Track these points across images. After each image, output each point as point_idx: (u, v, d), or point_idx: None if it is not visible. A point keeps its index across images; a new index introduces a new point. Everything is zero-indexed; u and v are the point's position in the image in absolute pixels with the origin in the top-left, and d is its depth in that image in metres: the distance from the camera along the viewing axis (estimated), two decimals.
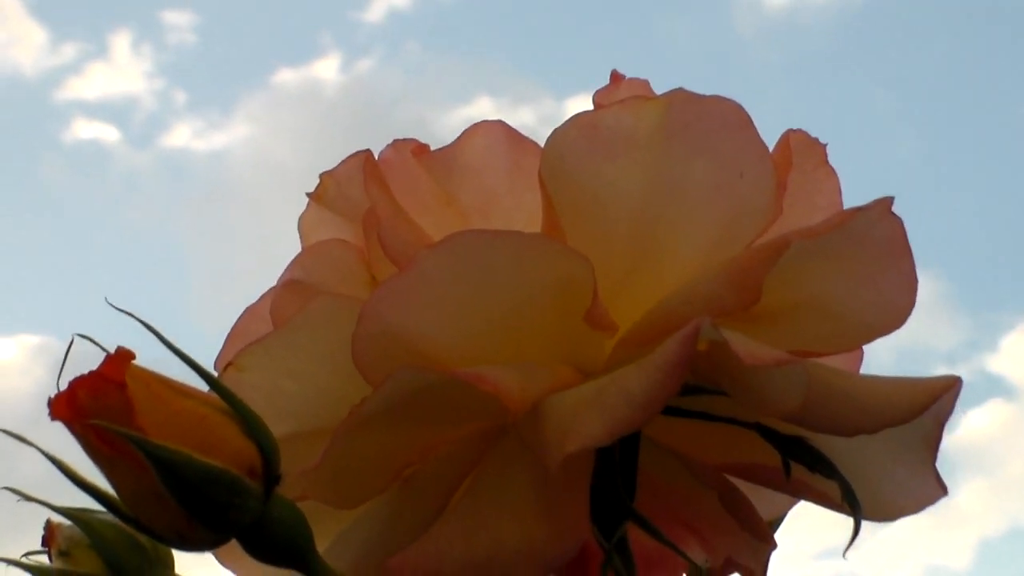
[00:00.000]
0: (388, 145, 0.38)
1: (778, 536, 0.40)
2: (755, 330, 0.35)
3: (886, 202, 0.35)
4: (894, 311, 0.36)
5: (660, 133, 0.34)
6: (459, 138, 0.38)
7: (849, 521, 0.36)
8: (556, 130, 0.35)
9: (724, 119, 0.35)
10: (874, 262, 0.35)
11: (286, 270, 0.38)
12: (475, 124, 0.38)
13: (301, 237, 0.39)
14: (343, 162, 0.38)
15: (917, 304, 0.36)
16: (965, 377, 0.35)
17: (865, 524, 0.36)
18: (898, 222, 0.35)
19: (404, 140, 0.38)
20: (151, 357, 0.34)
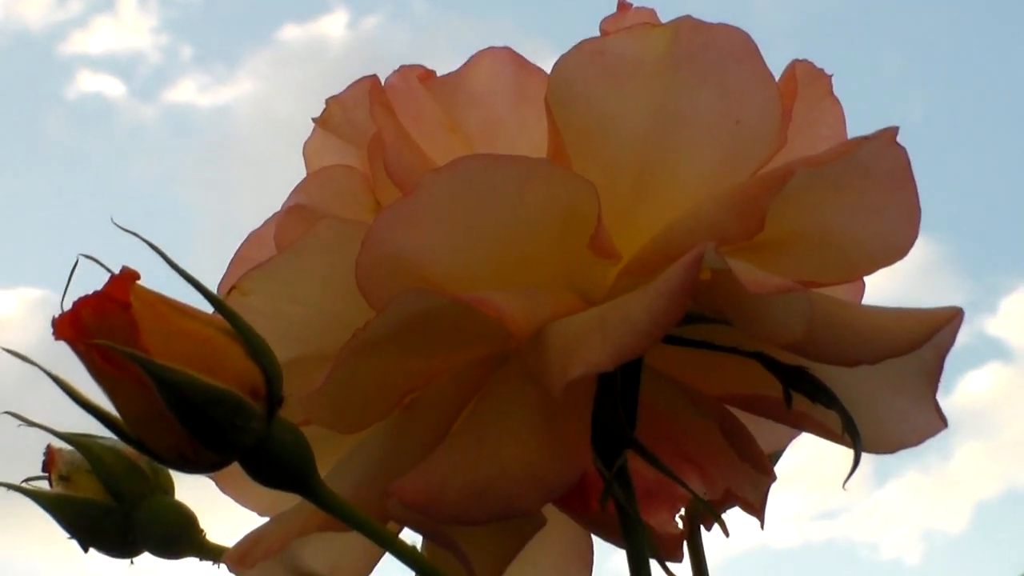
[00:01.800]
0: (394, 71, 0.37)
1: (778, 498, 0.39)
2: (758, 259, 0.34)
3: (891, 132, 0.34)
4: (897, 241, 0.35)
5: (666, 60, 0.34)
6: (465, 64, 0.38)
7: (847, 465, 0.35)
8: (563, 56, 0.34)
9: (731, 47, 0.34)
10: (878, 191, 0.35)
11: (290, 195, 0.38)
12: (482, 50, 0.38)
13: (306, 163, 0.39)
14: (349, 87, 0.37)
15: (918, 265, 0.35)
16: (964, 340, 0.35)
17: (864, 475, 0.35)
18: (902, 152, 0.34)
19: (410, 66, 0.37)
20: (156, 283, 0.33)
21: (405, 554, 0.37)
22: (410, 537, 0.38)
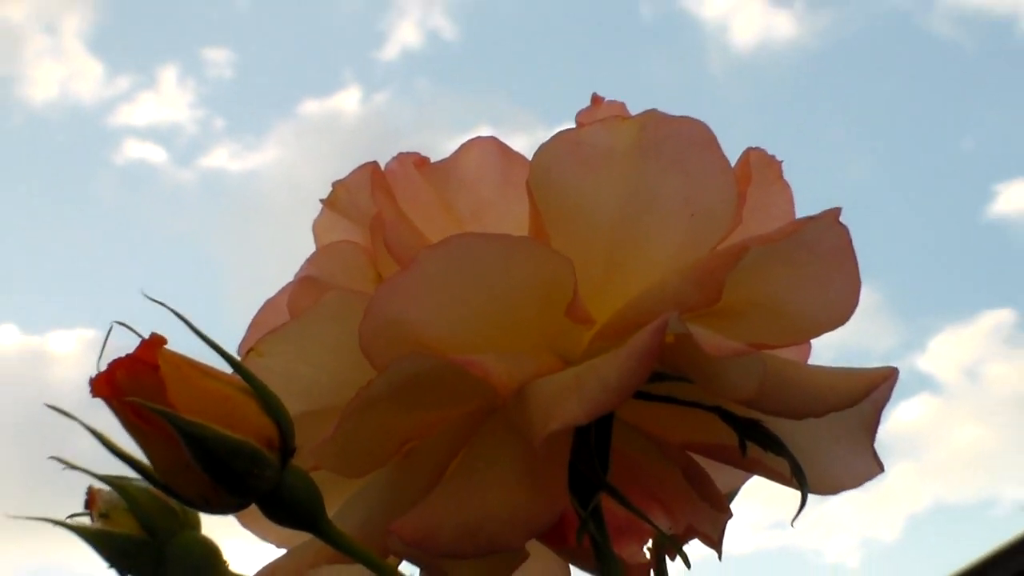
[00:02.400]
0: (393, 158, 0.39)
1: (735, 507, 0.41)
2: (717, 325, 0.36)
3: (834, 212, 0.36)
4: (840, 309, 0.37)
5: (635, 149, 0.36)
6: (456, 152, 0.39)
7: (797, 495, 0.37)
8: (543, 145, 0.36)
9: (692, 137, 0.36)
10: (823, 266, 0.37)
11: (301, 268, 0.39)
12: (470, 140, 0.39)
13: (315, 239, 0.40)
14: (353, 172, 0.39)
15: (858, 309, 0.37)
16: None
17: (811, 497, 0.37)
18: (845, 231, 0.36)
19: (407, 153, 0.39)
20: (184, 347, 0.36)
21: None
22: (408, 569, 0.38)
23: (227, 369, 0.36)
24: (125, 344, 0.36)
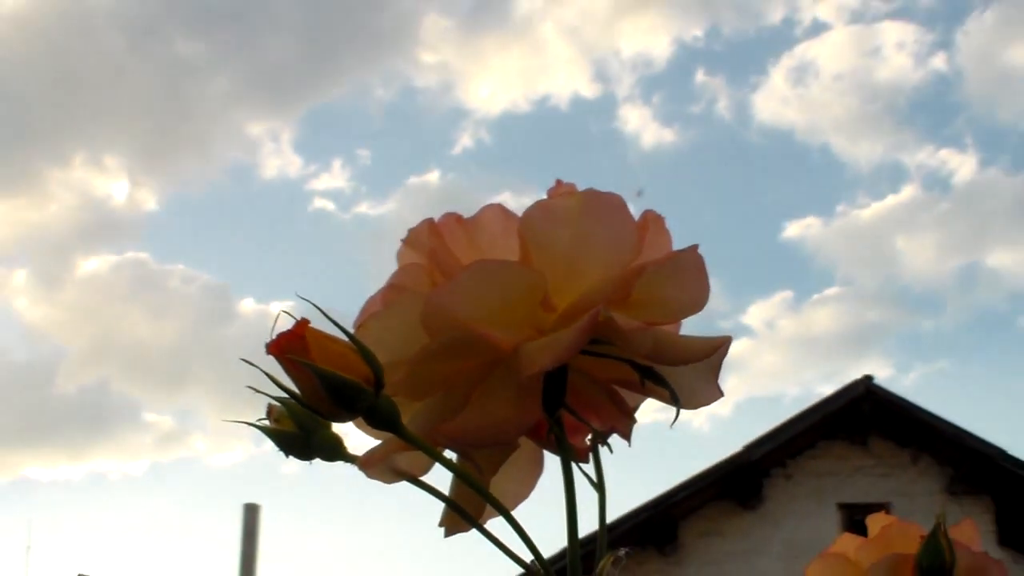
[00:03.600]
0: (443, 215, 0.48)
1: (637, 415, 0.49)
2: (628, 312, 0.46)
3: (694, 247, 0.46)
4: (698, 301, 0.47)
5: (580, 210, 0.45)
6: (478, 213, 0.48)
7: (674, 411, 0.46)
8: (528, 209, 0.44)
9: (612, 203, 0.45)
10: (688, 276, 0.46)
11: (388, 279, 0.48)
12: (487, 205, 0.48)
13: (397, 262, 0.49)
14: (419, 225, 0.47)
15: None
16: (723, 329, 0.43)
17: (681, 412, 0.46)
18: (700, 256, 0.46)
19: (451, 213, 0.48)
20: (321, 325, 0.43)
21: (445, 462, 0.47)
22: (449, 455, 0.49)
23: (345, 340, 0.44)
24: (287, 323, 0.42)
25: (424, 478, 0.47)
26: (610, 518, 0.49)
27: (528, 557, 0.47)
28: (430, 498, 0.47)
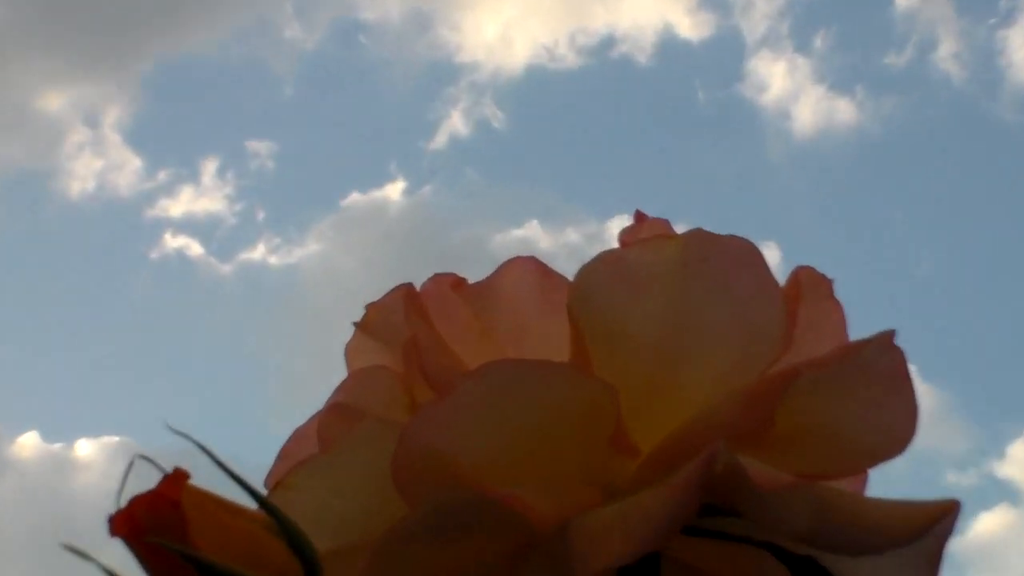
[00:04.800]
0: (429, 279, 0.40)
1: None
2: (767, 454, 0.37)
3: (889, 335, 0.37)
4: (896, 438, 0.38)
5: (679, 269, 0.37)
6: (494, 272, 0.41)
7: None
8: (585, 266, 0.37)
9: (738, 256, 0.37)
10: (878, 391, 0.37)
11: (332, 394, 0.40)
12: (509, 260, 0.41)
13: (347, 363, 0.41)
14: (387, 294, 0.40)
15: (929, 412, 0.38)
16: (974, 483, 0.37)
17: None
18: (900, 354, 0.37)
19: (443, 274, 0.40)
20: (210, 477, 0.37)
21: None
22: None
23: (252, 508, 0.37)
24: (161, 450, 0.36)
25: None
26: None
27: None
28: None
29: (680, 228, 0.40)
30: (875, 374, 0.38)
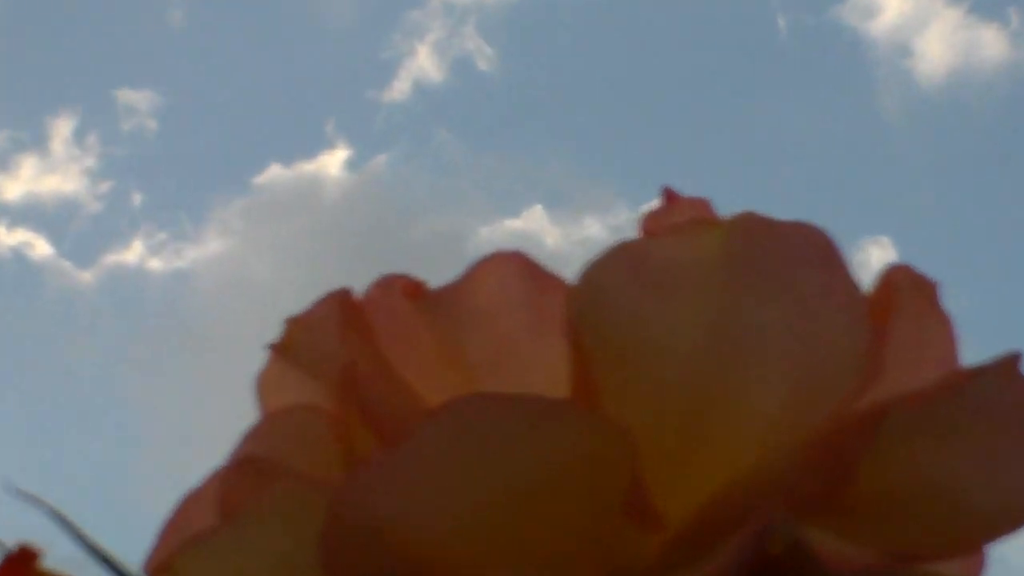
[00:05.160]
0: (374, 283, 0.36)
1: None
2: (844, 524, 0.33)
3: (1012, 360, 0.33)
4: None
5: (723, 268, 0.33)
6: (466, 274, 0.36)
7: None
8: (591, 263, 0.33)
9: (803, 251, 0.33)
10: (999, 437, 0.33)
11: (239, 444, 0.36)
12: (486, 257, 0.37)
13: (260, 400, 0.37)
14: (315, 305, 0.36)
15: None
16: None
17: None
18: None
19: (394, 276, 0.36)
20: (70, 554, 0.34)
21: None
22: None
23: None
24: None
25: None
26: None
27: None
28: None
29: (730, 213, 0.35)
30: (995, 413, 0.34)
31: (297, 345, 0.37)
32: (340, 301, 0.35)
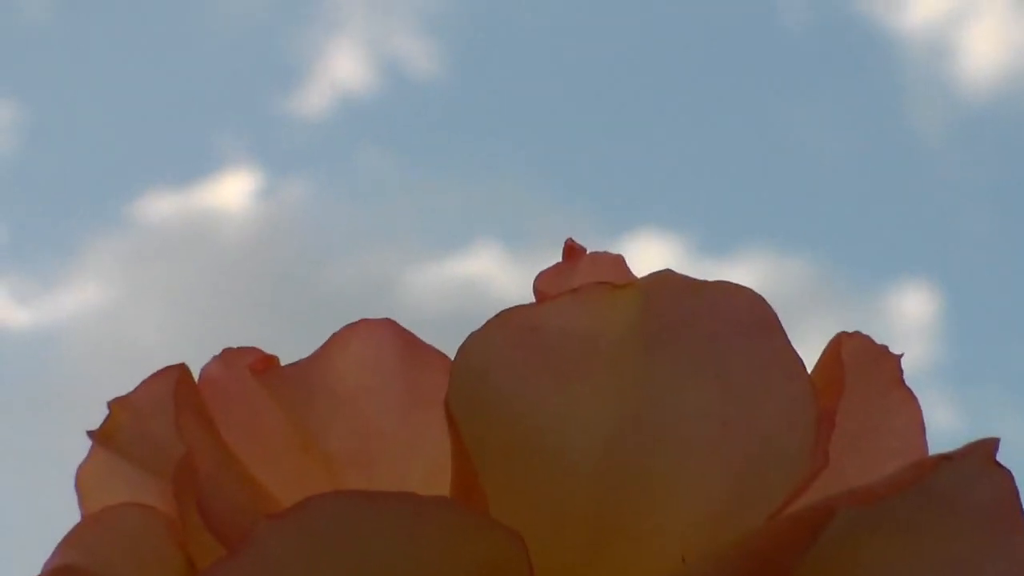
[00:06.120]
0: (215, 357, 0.35)
1: None
2: None
3: (986, 447, 0.31)
4: None
5: (634, 341, 0.31)
6: (325, 346, 0.35)
7: None
8: (474, 334, 0.31)
9: (735, 320, 0.31)
10: (970, 540, 0.32)
11: (56, 550, 0.34)
12: (348, 326, 0.35)
13: (80, 499, 0.35)
14: (144, 384, 0.34)
15: None
16: None
17: None
18: (1005, 477, 0.31)
19: (238, 350, 0.35)
20: None
21: None
22: None
23: None
24: None
25: None
26: None
27: None
28: None
29: (715, 268, 0.33)
30: (965, 510, 0.32)
31: (124, 432, 0.35)
32: (174, 379, 0.33)
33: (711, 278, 0.33)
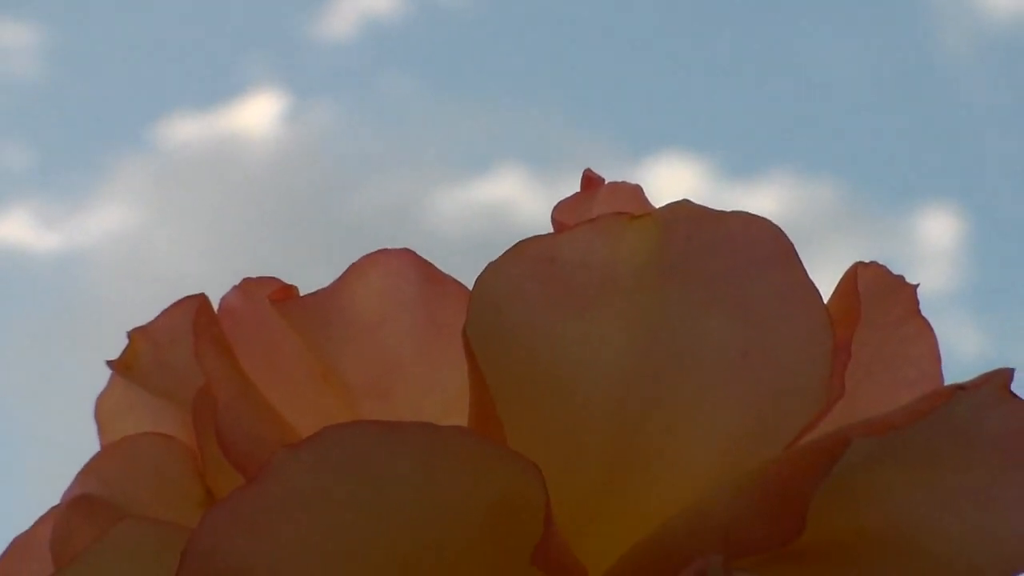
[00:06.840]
0: (234, 288, 0.36)
1: None
2: (798, 574, 0.33)
3: (1002, 377, 0.32)
4: (1017, 547, 0.33)
5: (653, 270, 0.32)
6: (343, 276, 0.36)
7: None
8: (491, 265, 0.32)
9: (753, 250, 0.32)
10: (986, 470, 0.33)
11: (75, 480, 0.35)
12: (367, 256, 0.36)
13: (99, 429, 0.37)
14: (163, 314, 0.35)
15: None
16: None
17: None
18: (1021, 408, 0.32)
19: (257, 280, 0.36)
20: None
21: None
22: None
23: None
24: None
25: None
26: None
27: None
28: None
29: (722, 198, 0.33)
30: (979, 440, 0.33)
31: (143, 362, 0.36)
32: (194, 309, 0.34)
33: (734, 203, 0.33)
